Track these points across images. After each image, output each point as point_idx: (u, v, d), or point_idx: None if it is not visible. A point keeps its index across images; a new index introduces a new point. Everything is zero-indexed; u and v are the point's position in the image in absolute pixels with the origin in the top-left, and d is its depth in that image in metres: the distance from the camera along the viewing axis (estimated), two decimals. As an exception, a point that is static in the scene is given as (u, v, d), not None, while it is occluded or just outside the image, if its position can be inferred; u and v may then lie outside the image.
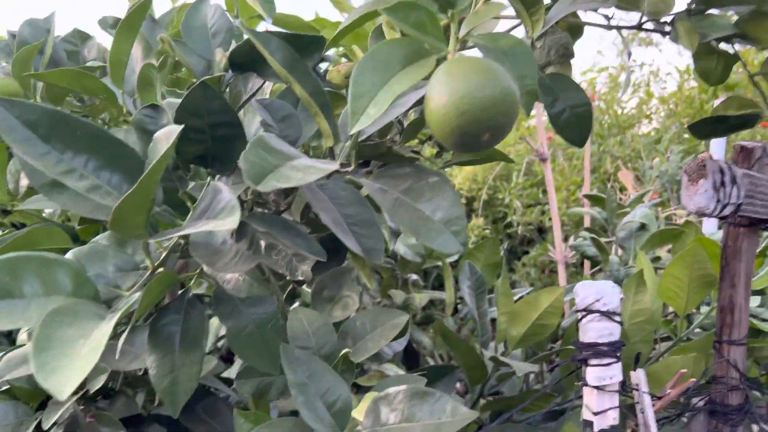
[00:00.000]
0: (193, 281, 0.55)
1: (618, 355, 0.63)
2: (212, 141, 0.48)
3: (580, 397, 0.65)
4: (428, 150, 1.13)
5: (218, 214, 0.40)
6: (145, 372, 0.73)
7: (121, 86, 0.54)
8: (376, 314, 0.73)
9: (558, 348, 0.95)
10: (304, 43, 0.49)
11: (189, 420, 0.74)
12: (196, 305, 0.53)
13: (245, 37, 0.56)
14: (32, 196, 0.74)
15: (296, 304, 0.94)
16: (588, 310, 0.62)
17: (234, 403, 0.79)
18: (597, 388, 0.63)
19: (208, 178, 0.52)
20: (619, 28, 0.70)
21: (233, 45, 0.60)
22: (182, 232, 0.39)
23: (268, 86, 0.62)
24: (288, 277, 0.53)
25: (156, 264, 0.47)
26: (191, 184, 0.55)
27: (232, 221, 0.38)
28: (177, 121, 0.49)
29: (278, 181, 0.42)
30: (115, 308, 0.41)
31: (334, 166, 0.45)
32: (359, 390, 0.75)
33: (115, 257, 0.48)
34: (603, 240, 1.34)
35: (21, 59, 0.68)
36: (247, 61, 0.53)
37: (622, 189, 2.80)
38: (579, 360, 0.63)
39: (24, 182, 0.85)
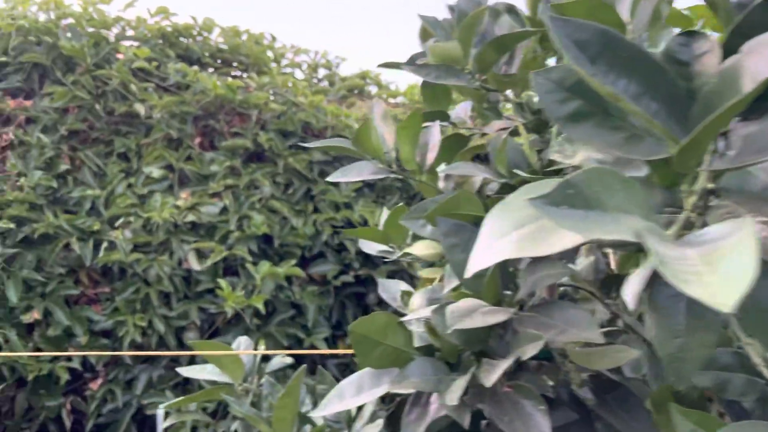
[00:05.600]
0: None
1: None
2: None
3: None
4: None
5: None
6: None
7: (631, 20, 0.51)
8: None
9: None
10: None
11: (601, 408, 0.68)
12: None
13: None
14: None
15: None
16: None
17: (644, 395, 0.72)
18: None
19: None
20: None
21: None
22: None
23: None
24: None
25: (691, 207, 0.42)
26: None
27: None
28: (728, 46, 0.43)
29: None
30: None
31: None
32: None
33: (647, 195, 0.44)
34: None
35: (468, 24, 0.70)
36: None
37: None
38: None
39: (431, 155, 0.88)
